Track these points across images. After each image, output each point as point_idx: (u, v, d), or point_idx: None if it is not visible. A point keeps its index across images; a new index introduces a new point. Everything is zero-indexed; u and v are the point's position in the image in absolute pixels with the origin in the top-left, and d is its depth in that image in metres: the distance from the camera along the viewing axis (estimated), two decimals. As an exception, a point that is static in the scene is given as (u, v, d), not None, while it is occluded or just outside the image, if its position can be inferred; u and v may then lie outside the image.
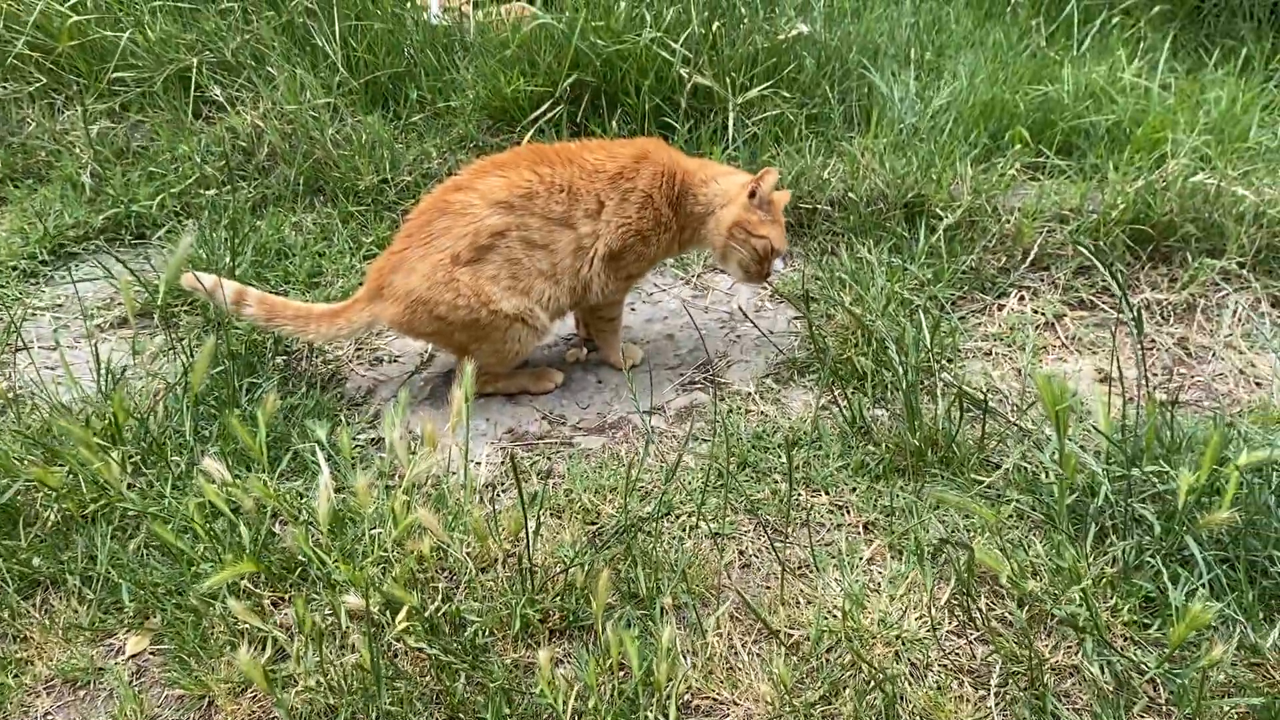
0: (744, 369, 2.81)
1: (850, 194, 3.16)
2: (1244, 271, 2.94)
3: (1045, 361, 2.79)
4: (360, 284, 3.05)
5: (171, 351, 2.81)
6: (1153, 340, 2.84)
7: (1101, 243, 3.02)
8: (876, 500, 2.32)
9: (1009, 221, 3.05)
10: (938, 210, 3.09)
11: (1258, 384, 2.70)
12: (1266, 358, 2.76)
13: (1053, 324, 2.92)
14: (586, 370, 2.85)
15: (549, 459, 2.52)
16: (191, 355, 2.66)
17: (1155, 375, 2.74)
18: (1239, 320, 2.86)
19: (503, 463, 2.50)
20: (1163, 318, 2.91)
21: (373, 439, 2.58)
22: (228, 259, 3.06)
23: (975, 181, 3.16)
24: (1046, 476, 2.24)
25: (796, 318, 2.99)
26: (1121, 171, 3.15)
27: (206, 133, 3.61)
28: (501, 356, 2.59)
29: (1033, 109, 3.42)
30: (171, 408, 2.58)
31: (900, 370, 2.47)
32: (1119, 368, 2.35)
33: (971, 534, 2.20)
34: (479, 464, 2.50)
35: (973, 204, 3.08)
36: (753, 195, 2.56)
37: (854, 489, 2.36)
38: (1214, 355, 2.79)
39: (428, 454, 2.22)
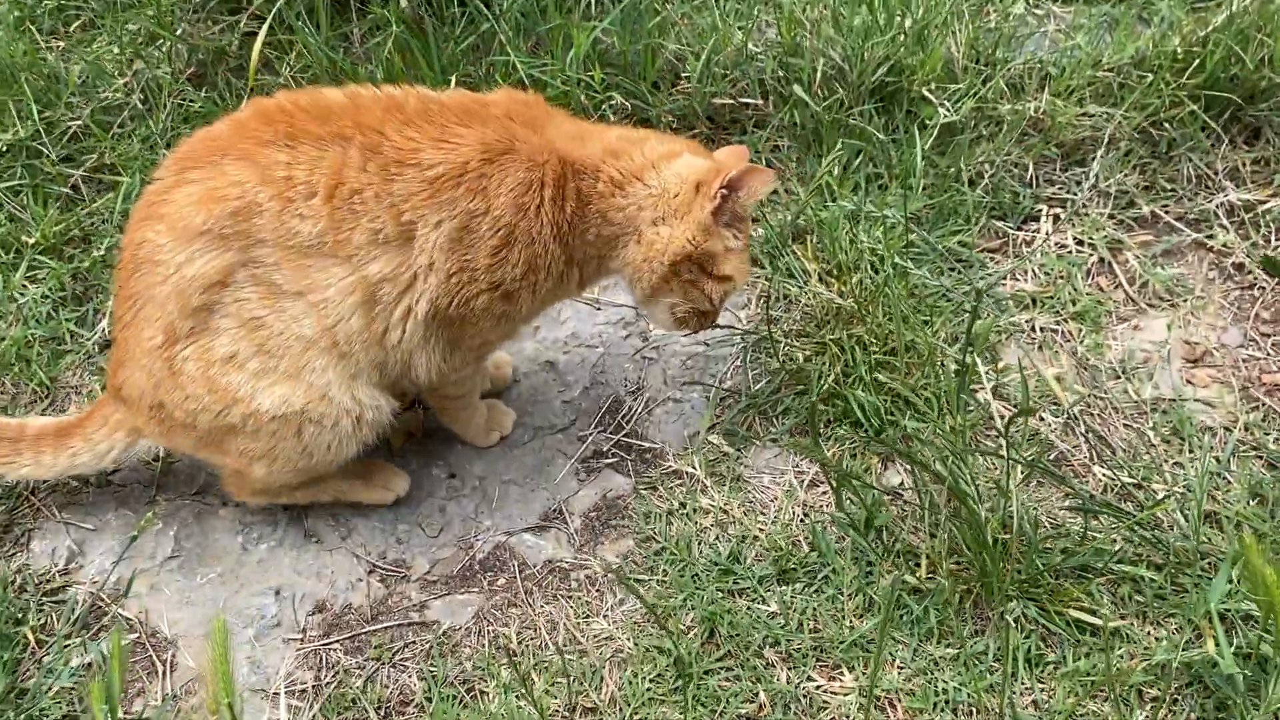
0: (674, 417, 1.80)
1: (789, 77, 2.04)
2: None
3: (1111, 333, 1.87)
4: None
5: None
6: (1251, 277, 1.94)
7: (1165, 119, 2.04)
8: (934, 677, 1.45)
9: (1035, 104, 2.01)
10: (926, 93, 2.01)
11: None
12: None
13: (1107, 261, 1.98)
14: (428, 454, 1.78)
15: (392, 665, 1.53)
16: None
17: (1262, 336, 1.87)
18: (1371, 232, 1.98)
19: (317, 681, 1.51)
20: (1253, 227, 2.00)
21: (89, 668, 1.52)
22: None
23: (972, 33, 2.07)
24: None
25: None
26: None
27: None
28: (309, 466, 1.53)
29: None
30: None
31: (932, 418, 1.54)
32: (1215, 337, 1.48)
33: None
34: (276, 694, 1.49)
35: (973, 72, 2.02)
36: (722, 204, 1.42)
37: (893, 657, 1.48)
38: (1340, 291, 1.93)
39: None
